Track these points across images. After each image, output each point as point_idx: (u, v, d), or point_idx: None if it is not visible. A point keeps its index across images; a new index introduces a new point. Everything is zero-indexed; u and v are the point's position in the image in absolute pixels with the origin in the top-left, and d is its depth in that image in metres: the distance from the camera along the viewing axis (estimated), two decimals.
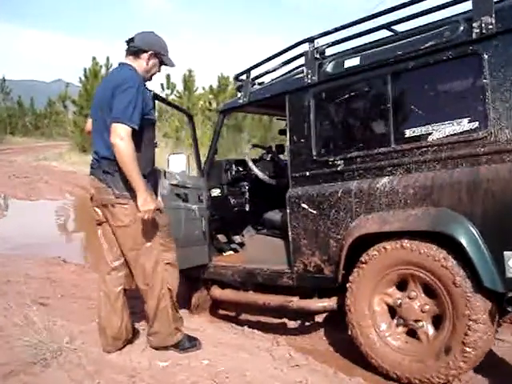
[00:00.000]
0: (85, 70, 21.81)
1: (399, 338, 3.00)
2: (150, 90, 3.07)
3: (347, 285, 3.10)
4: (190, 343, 3.04)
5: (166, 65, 3.08)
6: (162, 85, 26.64)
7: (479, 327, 2.66)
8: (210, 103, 18.44)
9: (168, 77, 25.93)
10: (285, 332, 3.93)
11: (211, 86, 19.20)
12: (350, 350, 3.41)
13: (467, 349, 2.68)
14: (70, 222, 10.74)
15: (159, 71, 3.10)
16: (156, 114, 3.17)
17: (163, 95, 26.47)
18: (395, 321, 3.03)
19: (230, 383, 2.66)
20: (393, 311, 3.03)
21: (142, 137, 2.88)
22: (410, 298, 2.92)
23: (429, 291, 2.87)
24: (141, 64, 2.97)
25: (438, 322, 2.87)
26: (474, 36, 2.68)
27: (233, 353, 3.08)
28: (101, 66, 21.91)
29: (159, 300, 2.92)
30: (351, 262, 3.11)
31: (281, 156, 4.71)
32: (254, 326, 3.95)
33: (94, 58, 22.03)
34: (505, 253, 2.56)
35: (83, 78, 21.77)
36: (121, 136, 2.67)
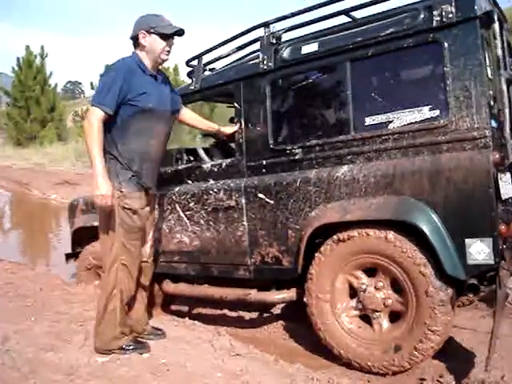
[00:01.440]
0: (18, 59, 21.11)
1: (352, 320, 2.99)
2: (159, 74, 2.97)
3: (315, 254, 3.00)
4: (136, 345, 2.89)
5: (166, 34, 2.86)
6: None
7: (435, 338, 2.69)
8: None
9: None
10: (226, 322, 3.93)
11: None
12: (290, 338, 3.55)
13: (416, 353, 2.72)
14: (4, 218, 10.38)
15: (172, 43, 2.91)
16: None
17: None
18: (353, 303, 2.99)
19: (170, 375, 2.63)
20: (354, 293, 2.99)
21: (128, 125, 2.78)
22: (375, 288, 2.88)
23: (396, 286, 2.83)
24: (142, 49, 2.88)
25: (395, 317, 2.86)
26: (434, 24, 2.67)
27: (173, 345, 3.05)
28: (35, 56, 21.28)
29: (109, 300, 2.80)
30: (310, 252, 3.05)
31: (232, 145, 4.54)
32: (195, 317, 3.94)
33: (27, 47, 21.37)
34: (466, 240, 2.57)
35: (16, 68, 21.04)
36: (88, 117, 2.68)
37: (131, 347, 2.85)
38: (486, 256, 2.53)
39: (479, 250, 2.54)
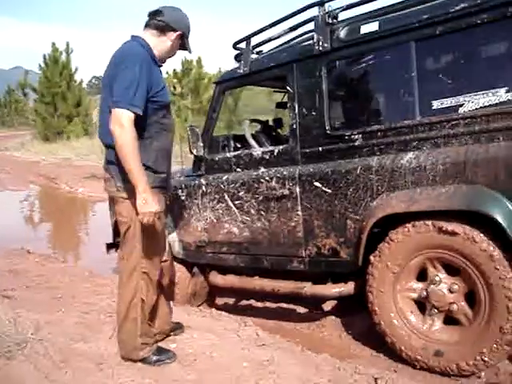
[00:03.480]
0: (44, 56, 21.46)
1: (407, 302, 2.85)
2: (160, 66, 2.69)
3: (406, 225, 2.75)
4: (160, 356, 2.70)
5: (185, 49, 2.72)
6: None
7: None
8: (174, 87, 18.30)
9: None
10: (252, 313, 3.92)
11: (175, 70, 18.96)
12: (317, 328, 3.56)
13: (454, 369, 2.63)
14: (34, 212, 10.48)
15: (174, 55, 2.74)
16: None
17: None
18: (417, 286, 2.83)
19: (197, 365, 2.65)
20: (421, 278, 2.82)
21: (151, 123, 2.54)
22: (449, 289, 2.69)
23: (471, 297, 2.65)
24: (164, 42, 2.61)
25: (450, 321, 2.74)
26: None
27: (200, 335, 3.05)
28: (61, 52, 21.57)
29: (129, 309, 2.61)
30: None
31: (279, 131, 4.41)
32: (221, 307, 3.98)
33: (53, 44, 21.73)
34: None
35: (43, 65, 21.43)
36: (120, 122, 2.34)
37: (155, 359, 2.67)
38: None
39: None
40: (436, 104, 2.69)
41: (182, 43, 2.68)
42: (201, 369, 2.61)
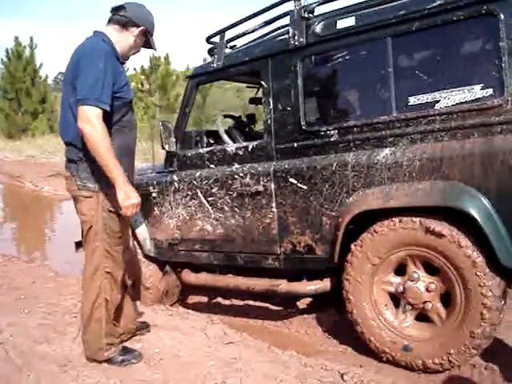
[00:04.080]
0: (7, 50, 21.18)
1: (383, 294, 2.86)
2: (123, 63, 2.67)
3: (393, 218, 2.73)
4: (126, 356, 2.68)
5: (149, 47, 2.71)
6: None
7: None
8: (142, 84, 18.22)
9: None
10: (219, 310, 3.96)
11: (142, 67, 18.87)
12: (284, 325, 3.60)
13: (420, 365, 2.68)
14: None
15: (138, 52, 2.72)
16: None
17: None
18: (394, 280, 2.83)
19: (164, 365, 2.66)
20: (402, 272, 2.82)
21: (113, 120, 2.50)
22: (426, 287, 2.70)
23: (447, 297, 2.66)
24: (127, 38, 2.59)
25: (422, 318, 2.78)
26: None
27: (167, 334, 3.06)
28: (24, 47, 21.32)
29: (93, 309, 2.59)
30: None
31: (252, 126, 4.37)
32: (188, 305, 4.01)
33: (16, 38, 21.44)
34: None
35: (5, 60, 21.02)
36: (88, 119, 2.30)
37: (120, 359, 2.65)
38: None
39: None
40: (412, 100, 2.69)
41: (147, 40, 2.67)
42: (167, 368, 2.60)
